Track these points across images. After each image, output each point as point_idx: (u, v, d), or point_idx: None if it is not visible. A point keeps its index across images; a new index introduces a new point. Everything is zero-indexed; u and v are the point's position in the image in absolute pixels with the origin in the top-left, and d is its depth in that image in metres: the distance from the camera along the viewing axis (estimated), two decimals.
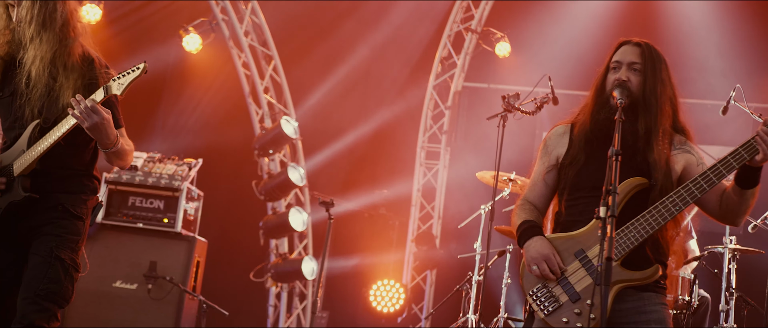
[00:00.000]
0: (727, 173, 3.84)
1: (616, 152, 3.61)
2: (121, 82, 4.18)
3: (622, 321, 3.89)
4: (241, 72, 11.67)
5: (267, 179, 11.51)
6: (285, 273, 11.32)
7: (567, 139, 4.17)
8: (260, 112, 11.79)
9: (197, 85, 11.81)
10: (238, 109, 11.87)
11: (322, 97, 12.03)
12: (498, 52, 11.95)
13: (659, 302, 3.94)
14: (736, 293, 8.06)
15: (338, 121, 12.15)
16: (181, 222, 8.73)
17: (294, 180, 11.03)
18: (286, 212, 11.13)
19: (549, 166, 4.18)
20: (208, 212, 9.69)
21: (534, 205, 4.18)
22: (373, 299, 11.77)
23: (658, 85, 4.02)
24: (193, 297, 8.64)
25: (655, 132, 3.98)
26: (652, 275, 3.87)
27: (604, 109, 4.06)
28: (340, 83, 12.07)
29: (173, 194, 8.78)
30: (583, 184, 4.01)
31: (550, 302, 3.89)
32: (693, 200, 3.86)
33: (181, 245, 8.72)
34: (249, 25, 11.66)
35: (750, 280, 9.10)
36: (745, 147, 3.81)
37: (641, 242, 3.85)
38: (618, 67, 4.07)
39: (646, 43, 4.11)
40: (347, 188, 12.14)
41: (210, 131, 11.47)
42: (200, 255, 8.93)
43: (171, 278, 8.45)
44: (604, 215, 3.51)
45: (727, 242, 8.07)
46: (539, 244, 3.95)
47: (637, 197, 3.92)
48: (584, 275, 3.88)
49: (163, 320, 8.46)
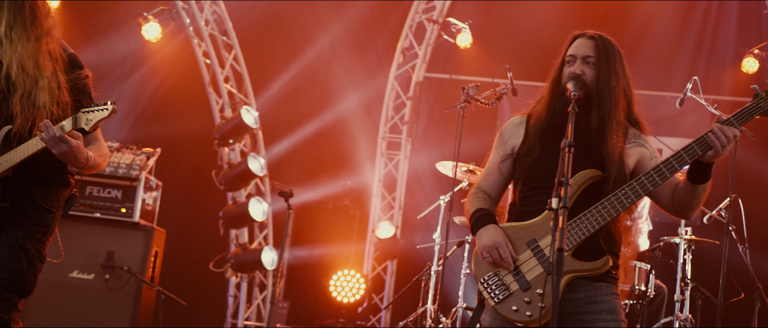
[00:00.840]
0: (680, 167, 3.88)
1: (569, 144, 3.63)
2: (89, 119, 4.15)
3: (574, 311, 3.93)
4: (201, 61, 11.60)
5: (227, 168, 11.46)
6: (245, 263, 11.29)
7: (523, 130, 4.19)
8: (220, 102, 11.73)
9: (156, 74, 11.71)
10: (198, 98, 11.80)
11: (282, 87, 11.99)
12: (459, 43, 11.97)
13: (611, 291, 3.98)
14: (691, 283, 8.16)
15: (299, 111, 12.12)
16: (139, 212, 8.67)
17: (254, 170, 10.99)
18: (246, 202, 11.10)
19: (504, 155, 4.20)
20: (167, 202, 9.63)
21: (487, 194, 4.20)
22: (333, 290, 11.78)
23: (612, 78, 4.06)
24: (151, 287, 8.59)
25: (608, 124, 4.01)
26: (603, 266, 3.91)
27: (559, 101, 4.09)
28: (301, 73, 12.04)
29: (131, 184, 8.71)
30: (537, 175, 4.04)
31: (501, 290, 3.92)
32: (645, 193, 3.89)
33: (139, 235, 8.66)
34: (209, 14, 11.59)
35: (705, 270, 9.22)
36: (697, 142, 3.84)
37: (593, 233, 3.88)
38: (572, 60, 4.10)
39: (600, 36, 4.14)
40: (308, 178, 12.12)
41: (169, 121, 11.40)
42: (158, 245, 8.88)
43: (129, 269, 8.40)
44: (556, 206, 3.53)
45: (683, 233, 8.16)
46: (492, 232, 3.97)
47: (590, 188, 3.95)
48: (535, 265, 3.91)
49: (121, 310, 8.40)
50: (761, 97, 3.91)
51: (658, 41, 11.77)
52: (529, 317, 3.86)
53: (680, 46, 11.84)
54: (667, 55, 11.79)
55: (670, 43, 11.84)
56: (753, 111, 3.90)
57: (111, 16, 11.38)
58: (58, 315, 8.28)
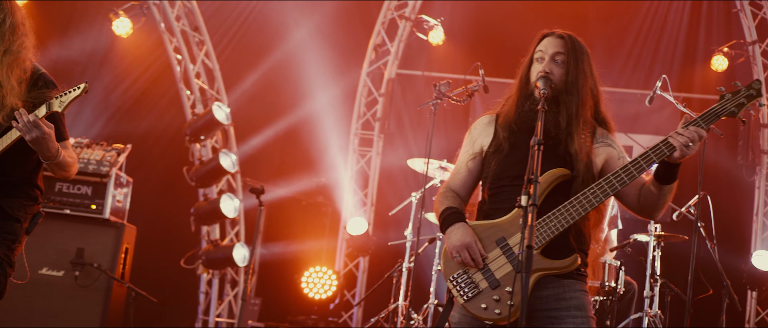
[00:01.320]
0: (647, 166, 3.91)
1: (538, 142, 3.65)
2: (62, 101, 4.35)
3: (542, 308, 3.95)
4: (172, 57, 11.55)
5: (198, 165, 11.42)
6: (216, 260, 11.26)
7: (492, 129, 4.21)
8: (192, 98, 11.68)
9: (127, 70, 11.65)
10: (170, 94, 11.75)
11: (254, 83, 11.96)
12: (431, 39, 11.99)
13: (579, 288, 4.00)
14: (660, 279, 8.23)
15: (271, 107, 12.09)
16: (110, 208, 8.61)
17: (226, 166, 10.96)
18: (217, 199, 11.06)
19: (473, 154, 4.22)
20: (138, 199, 9.58)
21: (456, 192, 4.22)
22: (305, 286, 11.76)
23: (580, 77, 4.08)
24: (121, 284, 8.55)
25: (576, 123, 4.04)
26: (572, 265, 3.94)
27: (528, 100, 4.12)
28: (272, 69, 12.01)
29: (101, 180, 8.65)
30: (507, 173, 4.06)
31: (470, 288, 3.94)
32: (613, 192, 3.92)
33: (109, 232, 8.61)
34: (181, 9, 11.54)
35: (674, 267, 9.30)
36: (665, 143, 3.88)
37: (562, 231, 3.91)
38: (541, 58, 4.12)
39: (568, 35, 4.16)
40: (280, 174, 12.10)
41: (140, 117, 11.34)
42: (129, 242, 8.83)
43: (99, 265, 8.35)
44: (526, 204, 3.55)
45: (652, 229, 8.22)
46: (461, 231, 3.99)
47: (559, 187, 3.98)
48: (504, 263, 3.93)
49: (91, 307, 8.35)
50: (727, 99, 3.96)
51: (628, 39, 11.85)
52: (498, 315, 3.88)
53: (651, 44, 11.92)
54: (637, 53, 11.87)
55: (640, 42, 11.92)
56: (719, 112, 3.95)
57: (82, 12, 11.32)
58: (28, 312, 8.22)
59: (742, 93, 3.98)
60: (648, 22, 11.92)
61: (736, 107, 3.95)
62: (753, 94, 3.98)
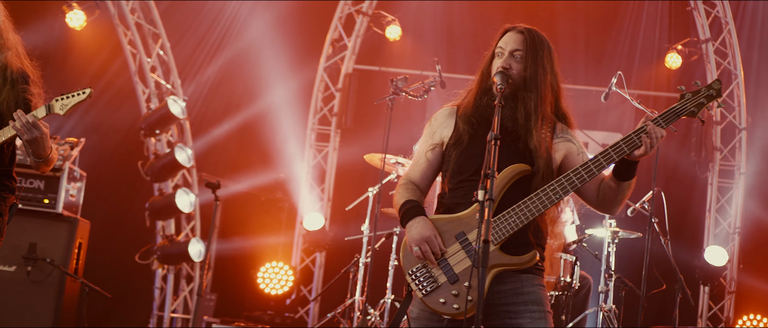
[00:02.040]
0: (608, 164, 3.94)
1: (495, 137, 3.66)
2: (64, 104, 4.50)
3: (500, 302, 3.96)
4: (127, 50, 11.43)
5: (153, 159, 11.31)
6: (171, 255, 11.17)
7: (452, 121, 4.21)
8: (147, 92, 11.57)
9: (81, 63, 11.50)
10: (124, 88, 11.62)
11: (211, 77, 11.88)
12: (388, 35, 12.00)
13: (537, 283, 4.02)
14: (614, 274, 8.30)
15: (227, 101, 12.01)
16: (63, 203, 8.50)
17: (181, 161, 10.87)
18: (173, 194, 10.98)
19: (433, 146, 4.22)
20: (92, 193, 9.47)
21: (416, 185, 4.22)
22: (261, 282, 11.73)
23: (539, 72, 4.08)
24: (74, 280, 8.44)
25: (535, 119, 4.05)
26: (531, 261, 3.95)
27: (486, 94, 4.12)
28: (229, 63, 11.94)
29: (54, 174, 8.53)
30: (466, 167, 4.06)
31: (429, 282, 3.94)
32: (573, 189, 3.94)
33: (62, 227, 8.49)
34: (135, 2, 11.42)
35: (628, 262, 9.39)
36: (625, 141, 3.91)
37: (522, 227, 3.92)
38: (501, 53, 4.13)
39: (529, 30, 4.16)
40: (236, 169, 12.04)
41: (94, 111, 11.20)
42: (82, 237, 8.72)
43: (51, 260, 8.24)
44: (482, 199, 3.55)
45: (607, 225, 8.30)
46: (421, 225, 3.98)
47: (519, 183, 3.98)
48: (464, 258, 3.93)
49: (43, 303, 8.24)
50: (688, 98, 4.00)
51: (585, 36, 11.93)
52: (456, 310, 3.88)
53: (607, 41, 12.02)
54: (594, 50, 11.96)
55: (597, 39, 12.01)
56: (680, 111, 3.99)
57: (35, 4, 11.14)
58: None
59: (703, 93, 4.02)
60: (605, 19, 12.01)
61: (696, 107, 4.00)
62: (713, 95, 4.02)
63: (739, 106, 11.65)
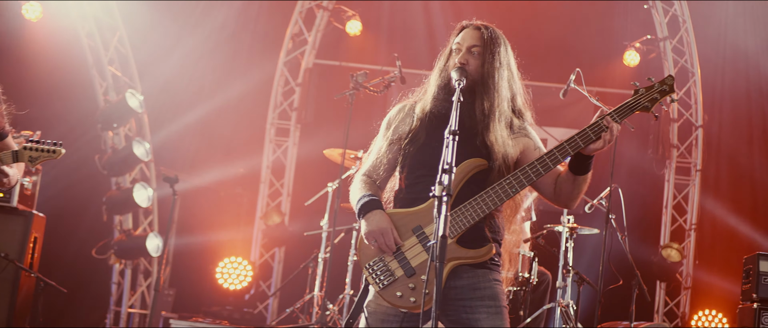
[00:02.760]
0: (563, 158, 3.95)
1: (453, 132, 3.66)
2: (33, 156, 4.53)
3: (457, 297, 3.97)
4: (84, 43, 11.29)
5: (111, 153, 11.20)
6: (129, 250, 11.07)
7: (410, 116, 4.21)
8: (105, 85, 11.45)
9: (38, 55, 11.33)
10: (82, 80, 11.49)
11: (169, 71, 11.77)
12: (349, 30, 12.00)
13: (493, 278, 4.03)
14: (572, 270, 8.36)
15: (186, 95, 11.92)
16: (18, 197, 8.39)
17: (139, 155, 10.77)
18: (130, 188, 10.88)
19: (390, 141, 4.21)
20: (48, 187, 9.37)
21: (373, 179, 4.21)
22: (220, 277, 11.67)
23: (496, 68, 4.10)
24: (29, 275, 8.34)
25: (492, 114, 4.06)
26: (486, 254, 3.96)
27: (444, 90, 4.13)
28: (188, 57, 11.84)
29: None
30: (423, 162, 4.06)
31: (386, 275, 3.94)
32: (529, 183, 3.95)
33: (17, 221, 8.39)
34: None
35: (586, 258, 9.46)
36: (580, 135, 3.93)
37: (477, 221, 3.93)
38: (458, 49, 4.14)
39: (486, 27, 4.17)
40: (195, 163, 11.96)
41: (51, 103, 11.06)
42: (38, 231, 8.62)
43: (6, 255, 8.13)
44: (440, 194, 3.55)
45: (565, 221, 8.35)
46: (378, 218, 3.98)
47: (475, 177, 3.99)
48: (420, 251, 3.94)
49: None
50: (641, 94, 4.04)
51: (545, 33, 11.98)
52: (412, 303, 3.89)
53: (567, 38, 12.08)
54: (553, 47, 12.02)
55: (556, 36, 12.07)
56: (633, 106, 4.02)
57: None
58: None
59: (656, 88, 4.06)
60: (565, 16, 12.07)
61: (649, 102, 4.03)
62: (666, 90, 4.06)
63: (695, 103, 11.77)
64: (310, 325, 8.81)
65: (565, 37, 12.06)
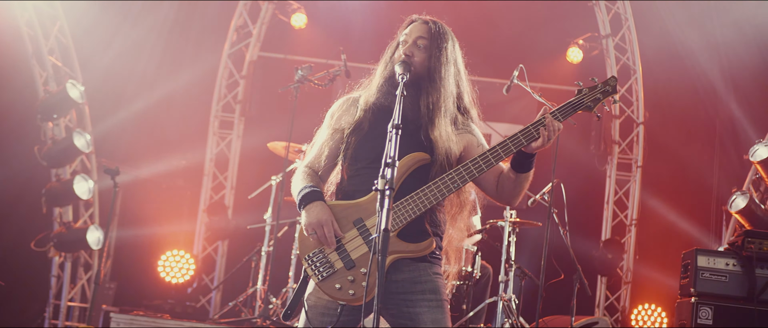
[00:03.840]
0: (505, 155, 3.99)
1: (396, 126, 3.66)
2: None
3: (398, 291, 3.98)
4: (24, 32, 11.08)
5: (50, 144, 11.02)
6: (69, 242, 10.90)
7: (354, 109, 4.21)
8: (44, 75, 11.25)
9: None
10: (20, 70, 11.28)
11: (112, 62, 11.61)
12: (294, 23, 11.96)
13: (434, 272, 4.05)
14: (514, 264, 8.42)
15: (129, 87, 11.78)
16: None
17: (80, 146, 10.61)
18: (70, 180, 10.71)
19: (333, 132, 4.21)
20: None
21: (315, 171, 4.20)
22: (162, 270, 11.58)
23: (443, 63, 4.11)
24: None
25: (437, 110, 4.07)
26: (427, 248, 3.97)
27: (388, 83, 4.13)
28: (131, 48, 11.70)
29: None
30: (366, 155, 4.06)
31: (325, 267, 3.94)
32: (471, 179, 3.97)
33: None
34: None
35: (528, 252, 9.54)
36: (523, 133, 3.96)
37: (419, 215, 3.93)
38: (405, 42, 4.15)
39: (434, 21, 4.20)
40: (138, 155, 11.83)
41: None
42: None
43: None
44: (382, 187, 3.56)
45: (508, 216, 8.41)
46: (318, 209, 3.97)
47: (418, 172, 4.00)
48: (361, 244, 3.94)
49: None
50: (584, 94, 4.10)
51: (489, 29, 12.04)
52: (352, 296, 3.90)
53: (510, 34, 12.15)
54: (498, 43, 12.08)
55: (501, 32, 12.13)
56: (576, 106, 4.08)
57: None
58: None
59: (599, 89, 4.12)
60: (510, 13, 12.14)
61: (592, 102, 4.09)
62: (608, 91, 4.13)
63: (637, 100, 11.92)
64: (253, 318, 8.77)
65: (509, 33, 12.13)
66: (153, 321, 8.67)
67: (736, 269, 7.47)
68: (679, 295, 7.84)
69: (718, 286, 7.46)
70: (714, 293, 7.45)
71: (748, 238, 7.49)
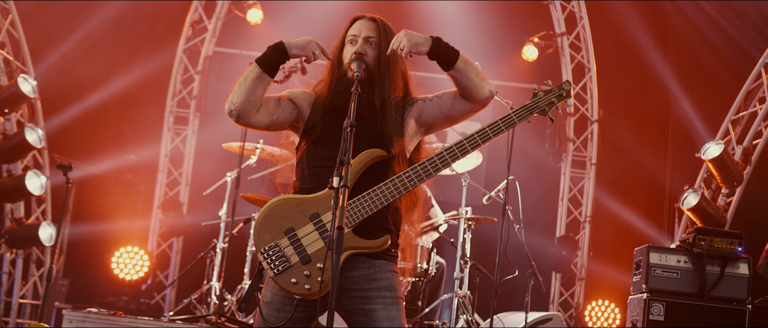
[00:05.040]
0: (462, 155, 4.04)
1: (351, 124, 3.69)
2: None
3: (353, 287, 4.00)
4: None
5: (1, 139, 10.88)
6: (20, 239, 10.77)
7: (310, 98, 4.27)
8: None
9: None
10: None
11: (64, 56, 11.47)
12: (250, 18, 11.91)
13: (389, 269, 4.07)
14: (469, 261, 8.46)
15: (82, 81, 11.65)
16: None
17: (31, 142, 10.48)
18: (22, 175, 10.58)
19: (291, 95, 4.29)
20: None
21: None
22: (115, 267, 11.48)
23: (392, 59, 4.17)
24: None
25: (389, 104, 4.12)
26: (383, 245, 3.99)
27: (342, 81, 4.15)
28: (84, 41, 11.56)
29: None
30: (320, 153, 4.10)
31: (281, 261, 3.94)
32: (428, 177, 4.03)
33: None
34: None
35: (483, 249, 9.58)
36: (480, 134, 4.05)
37: (375, 212, 3.96)
38: (354, 40, 4.18)
39: (380, 19, 4.26)
40: (91, 151, 11.72)
41: None
42: None
43: None
44: (337, 185, 3.57)
45: (463, 212, 8.44)
46: (297, 39, 4.15)
47: (374, 167, 4.03)
48: (317, 239, 3.95)
49: None
50: (539, 97, 4.19)
51: (442, 25, 12.06)
52: (307, 290, 3.90)
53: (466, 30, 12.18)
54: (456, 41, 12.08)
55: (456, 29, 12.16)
56: (531, 108, 4.17)
57: None
58: None
59: (554, 93, 4.22)
60: (465, 10, 12.18)
61: (547, 106, 4.20)
62: (563, 95, 4.23)
63: (591, 98, 12.02)
64: (208, 315, 8.73)
65: (465, 30, 12.17)
66: (106, 318, 8.59)
67: (687, 265, 7.57)
68: (632, 291, 7.93)
69: (670, 282, 7.55)
70: (665, 290, 7.54)
71: (699, 235, 7.60)
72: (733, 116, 10.85)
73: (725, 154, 10.04)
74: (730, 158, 10.20)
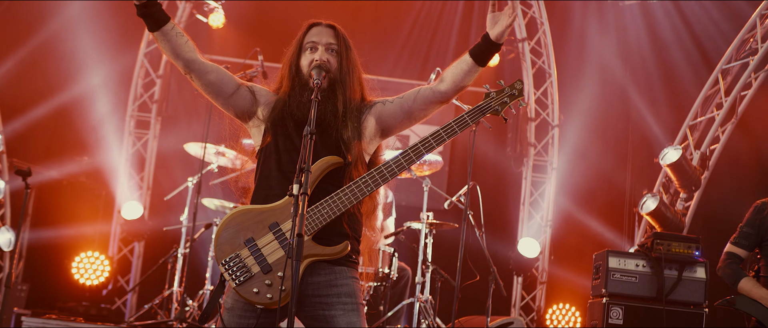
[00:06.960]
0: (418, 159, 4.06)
1: (311, 132, 3.71)
2: None
3: (314, 293, 4.01)
4: None
5: None
6: None
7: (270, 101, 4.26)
8: None
9: None
10: None
11: (22, 59, 11.37)
12: (212, 22, 11.86)
13: (350, 275, 4.08)
14: (431, 266, 8.49)
15: (41, 84, 11.54)
16: None
17: None
18: None
19: (249, 88, 4.28)
20: None
21: None
22: (76, 272, 11.38)
23: (351, 66, 4.22)
24: None
25: (349, 112, 4.15)
26: (342, 251, 4.00)
27: (304, 90, 4.14)
28: (43, 44, 11.46)
29: None
30: (279, 161, 4.10)
31: (242, 272, 3.94)
32: (385, 182, 4.04)
33: None
34: None
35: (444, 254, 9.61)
36: (433, 136, 4.07)
37: (334, 218, 3.97)
38: (314, 47, 4.20)
39: (336, 26, 4.28)
40: (51, 155, 11.61)
41: None
42: None
43: None
44: (297, 193, 3.58)
45: (424, 217, 8.47)
46: None
47: (332, 174, 4.05)
48: (277, 248, 3.95)
49: None
50: (492, 97, 4.21)
51: (403, 31, 12.10)
52: (269, 299, 3.91)
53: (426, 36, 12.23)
54: (412, 46, 12.14)
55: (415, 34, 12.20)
56: (484, 109, 4.20)
57: None
58: None
59: (506, 92, 4.24)
60: (423, 15, 12.22)
61: (499, 106, 4.21)
62: (515, 94, 4.25)
63: (552, 103, 12.11)
64: (169, 321, 8.69)
65: (426, 35, 12.21)
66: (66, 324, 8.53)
67: (646, 269, 7.66)
68: (591, 295, 8.00)
69: (629, 286, 7.63)
70: (624, 294, 7.62)
71: (657, 239, 7.68)
72: (691, 122, 10.99)
73: (683, 160, 10.17)
74: (688, 163, 10.34)
